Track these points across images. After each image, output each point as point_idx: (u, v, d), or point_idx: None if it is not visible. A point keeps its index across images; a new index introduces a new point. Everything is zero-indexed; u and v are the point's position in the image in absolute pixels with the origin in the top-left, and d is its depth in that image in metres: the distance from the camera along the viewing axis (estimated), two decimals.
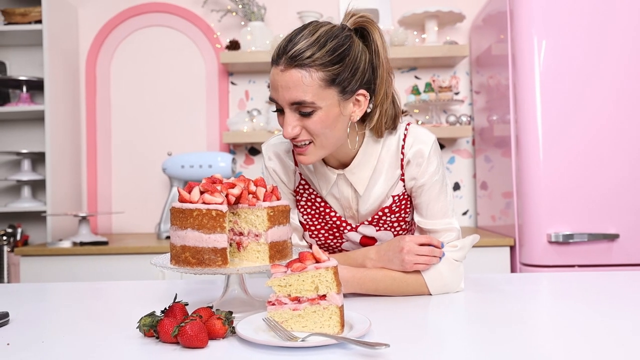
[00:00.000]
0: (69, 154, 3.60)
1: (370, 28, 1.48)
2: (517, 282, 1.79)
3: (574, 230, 2.73)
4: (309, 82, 1.36)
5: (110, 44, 3.79)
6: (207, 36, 3.77)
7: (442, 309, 1.42)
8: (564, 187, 2.74)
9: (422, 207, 1.59)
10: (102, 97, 3.78)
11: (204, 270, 1.24)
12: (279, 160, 1.66)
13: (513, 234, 2.94)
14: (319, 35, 1.39)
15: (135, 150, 3.77)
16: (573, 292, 1.61)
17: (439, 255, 1.51)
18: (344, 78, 1.40)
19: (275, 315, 1.16)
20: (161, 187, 3.74)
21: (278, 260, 1.32)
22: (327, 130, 1.43)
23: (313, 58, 1.36)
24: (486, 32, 3.36)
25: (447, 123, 3.52)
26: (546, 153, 2.75)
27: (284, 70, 1.38)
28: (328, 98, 1.39)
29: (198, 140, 3.76)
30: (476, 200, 3.67)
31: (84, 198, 3.76)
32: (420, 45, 3.58)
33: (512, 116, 2.91)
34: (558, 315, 1.35)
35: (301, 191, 1.66)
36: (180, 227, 1.26)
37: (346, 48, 1.40)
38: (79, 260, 3.01)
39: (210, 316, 1.13)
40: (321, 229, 1.67)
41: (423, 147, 1.57)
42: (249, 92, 3.77)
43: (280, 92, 1.39)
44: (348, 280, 1.49)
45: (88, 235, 3.16)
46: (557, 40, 2.78)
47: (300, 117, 1.41)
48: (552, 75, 2.77)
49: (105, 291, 1.79)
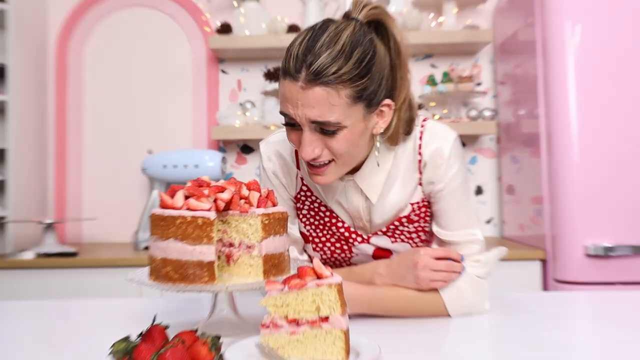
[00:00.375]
0: (34, 152, 3.60)
1: (388, 22, 1.46)
2: (550, 302, 1.78)
3: (615, 242, 2.72)
4: (336, 100, 1.33)
5: (84, 26, 3.79)
6: (195, 18, 3.77)
7: (462, 334, 1.41)
8: (603, 191, 2.73)
9: (441, 215, 1.58)
10: (73, 87, 3.78)
11: (188, 287, 1.23)
12: (280, 162, 1.65)
13: (544, 246, 2.94)
14: (343, 43, 1.34)
15: (110, 147, 3.77)
16: (615, 314, 1.60)
17: (458, 270, 1.50)
18: (372, 91, 1.38)
19: (270, 340, 1.15)
20: (140, 190, 3.74)
21: (274, 276, 1.31)
22: (351, 149, 1.41)
23: (340, 74, 1.32)
24: (512, 14, 3.36)
25: (468, 118, 3.52)
26: (582, 152, 2.74)
27: (306, 88, 1.33)
28: (354, 115, 1.37)
29: (183, 136, 3.77)
30: (502, 207, 3.67)
31: (51, 202, 3.76)
32: (437, 30, 3.58)
33: (542, 110, 2.91)
34: (598, 341, 1.35)
35: (303, 198, 1.65)
36: (161, 237, 1.25)
37: (372, 55, 1.38)
38: (43, 274, 3.00)
39: (194, 341, 1.12)
40: (326, 241, 1.66)
41: (443, 146, 1.55)
42: (242, 81, 3.77)
43: (300, 109, 1.35)
44: (355, 299, 1.48)
45: (54, 246, 3.15)
46: (593, 23, 2.77)
47: (321, 135, 1.38)
48: (587, 64, 2.76)
49: (74, 310, 1.78)
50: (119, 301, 1.83)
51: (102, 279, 2.98)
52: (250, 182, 1.35)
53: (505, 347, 1.29)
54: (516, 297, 1.79)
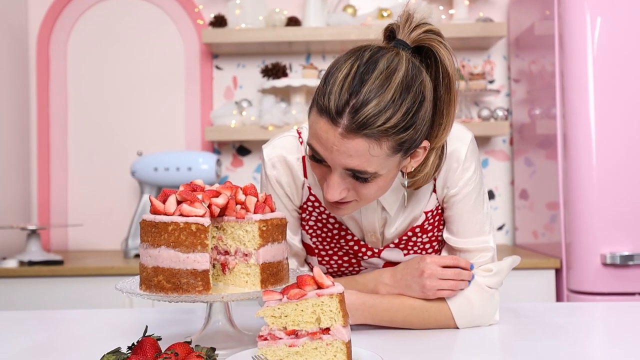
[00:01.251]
0: (15, 154, 3.61)
1: (441, 52, 1.40)
2: (565, 313, 1.79)
3: (634, 250, 2.72)
4: (377, 152, 1.29)
5: (68, 18, 3.80)
6: (187, 10, 3.78)
7: (471, 346, 1.42)
8: (621, 197, 2.74)
9: (454, 221, 1.59)
10: (56, 84, 3.79)
11: (181, 298, 1.24)
12: (286, 170, 1.60)
13: (560, 254, 2.94)
14: (394, 91, 1.28)
15: (97, 149, 3.78)
16: (633, 326, 1.61)
17: (467, 278, 1.51)
18: (413, 139, 1.34)
19: (267, 352, 1.17)
20: (129, 194, 3.75)
21: (272, 285, 1.32)
22: (379, 193, 1.40)
23: (386, 127, 1.27)
24: (528, 7, 3.37)
25: (480, 118, 3.53)
26: (600, 155, 2.75)
27: (346, 136, 1.27)
28: (391, 164, 1.34)
29: (175, 137, 3.77)
30: (514, 213, 3.67)
31: (34, 208, 3.77)
32: (447, 23, 3.59)
33: (559, 110, 2.91)
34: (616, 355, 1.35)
35: (310, 208, 1.62)
36: (152, 244, 1.26)
37: (420, 102, 1.32)
38: (26, 283, 3.01)
39: (188, 353, 1.13)
40: (334, 254, 1.66)
41: (459, 148, 1.54)
42: (238, 78, 3.78)
43: (335, 155, 1.30)
44: (357, 308, 1.49)
45: (39, 253, 3.15)
46: (615, 17, 2.78)
47: (352, 180, 1.35)
48: (608, 60, 2.77)
49: (60, 321, 1.79)
50: (108, 312, 1.83)
51: (90, 288, 2.98)
52: (246, 186, 1.35)
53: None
54: (529, 307, 1.80)
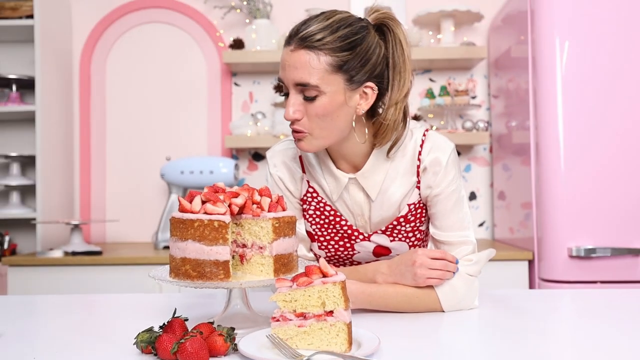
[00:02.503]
0: (61, 158, 3.62)
1: (392, 24, 1.52)
2: (536, 299, 1.79)
3: (597, 244, 2.73)
4: (316, 64, 1.42)
5: (106, 41, 3.82)
6: (210, 34, 3.79)
7: (455, 327, 1.43)
8: (586, 198, 2.75)
9: (437, 217, 1.62)
10: (96, 98, 3.80)
11: (205, 284, 1.25)
12: (285, 168, 1.69)
13: (532, 248, 2.95)
14: (333, 20, 1.45)
15: (131, 154, 3.79)
16: (595, 310, 1.62)
17: (453, 270, 1.52)
18: (352, 66, 1.45)
19: (279, 332, 1.18)
20: (159, 193, 3.77)
21: (283, 274, 1.33)
22: (328, 118, 1.47)
23: (323, 42, 1.42)
24: (505, 32, 3.37)
25: (463, 129, 3.53)
26: (568, 162, 2.76)
27: (294, 51, 1.45)
28: (333, 84, 1.45)
29: (199, 144, 3.78)
30: (493, 211, 3.68)
31: (76, 205, 3.79)
32: (435, 46, 3.60)
33: (532, 122, 2.92)
34: (579, 335, 1.36)
35: (309, 199, 1.67)
36: (181, 238, 1.27)
37: (359, 38, 1.46)
38: (70, 271, 3.02)
39: (211, 332, 1.15)
40: (331, 239, 1.68)
41: (441, 155, 1.59)
42: (253, 93, 3.79)
43: (287, 71, 1.46)
44: (357, 295, 1.50)
45: (80, 245, 3.17)
46: (581, 41, 2.78)
47: (303, 100, 1.47)
48: (575, 79, 2.77)
49: (99, 304, 1.80)
50: (140, 296, 1.84)
51: (125, 275, 3.00)
52: (262, 188, 1.37)
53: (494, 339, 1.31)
54: (504, 294, 1.80)
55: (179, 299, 1.78)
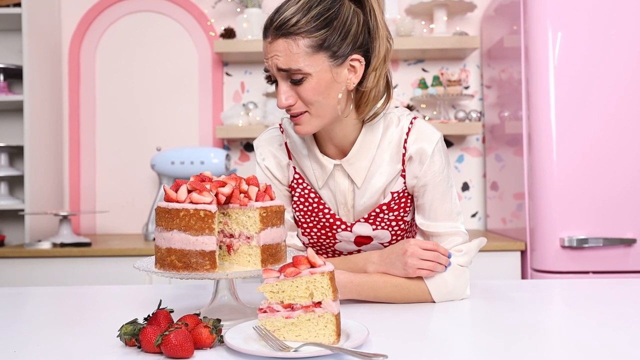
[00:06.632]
0: (50, 148, 3.60)
1: None
2: (528, 289, 1.79)
3: (589, 234, 2.73)
4: (295, 49, 1.42)
5: (96, 30, 3.79)
6: (200, 23, 3.77)
7: (446, 318, 1.42)
8: (578, 188, 2.75)
9: (425, 208, 1.60)
10: (86, 87, 3.78)
11: (191, 275, 1.24)
12: (271, 156, 1.69)
13: (524, 238, 2.95)
14: (304, 1, 1.45)
15: (121, 144, 3.77)
16: (587, 300, 1.61)
17: (444, 263, 1.51)
18: (333, 42, 1.44)
19: (266, 323, 1.16)
20: (149, 184, 3.75)
21: (271, 265, 1.32)
22: (320, 98, 1.46)
23: (298, 26, 1.42)
24: (498, 22, 3.36)
25: (456, 119, 3.53)
26: (560, 152, 2.76)
27: (272, 42, 1.45)
28: (317, 64, 1.44)
29: (190, 134, 3.77)
30: (486, 202, 3.67)
31: (66, 196, 3.77)
32: (428, 36, 3.58)
33: (525, 112, 2.92)
34: (571, 325, 1.36)
35: (295, 185, 1.67)
36: (166, 228, 1.26)
37: (333, 12, 1.45)
38: (59, 262, 3.01)
39: (196, 324, 1.13)
40: (313, 227, 1.67)
41: (426, 145, 1.57)
42: (245, 83, 3.77)
43: (270, 61, 1.46)
44: (345, 285, 1.49)
45: (69, 236, 3.16)
46: (573, 32, 2.78)
47: (292, 85, 1.46)
48: (567, 70, 2.77)
49: (87, 296, 1.79)
50: (128, 288, 1.83)
51: (114, 267, 2.98)
52: (249, 177, 1.36)
53: (486, 330, 1.31)
54: (497, 284, 1.80)
55: (168, 290, 1.76)
